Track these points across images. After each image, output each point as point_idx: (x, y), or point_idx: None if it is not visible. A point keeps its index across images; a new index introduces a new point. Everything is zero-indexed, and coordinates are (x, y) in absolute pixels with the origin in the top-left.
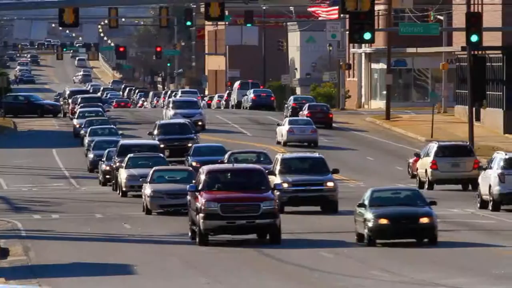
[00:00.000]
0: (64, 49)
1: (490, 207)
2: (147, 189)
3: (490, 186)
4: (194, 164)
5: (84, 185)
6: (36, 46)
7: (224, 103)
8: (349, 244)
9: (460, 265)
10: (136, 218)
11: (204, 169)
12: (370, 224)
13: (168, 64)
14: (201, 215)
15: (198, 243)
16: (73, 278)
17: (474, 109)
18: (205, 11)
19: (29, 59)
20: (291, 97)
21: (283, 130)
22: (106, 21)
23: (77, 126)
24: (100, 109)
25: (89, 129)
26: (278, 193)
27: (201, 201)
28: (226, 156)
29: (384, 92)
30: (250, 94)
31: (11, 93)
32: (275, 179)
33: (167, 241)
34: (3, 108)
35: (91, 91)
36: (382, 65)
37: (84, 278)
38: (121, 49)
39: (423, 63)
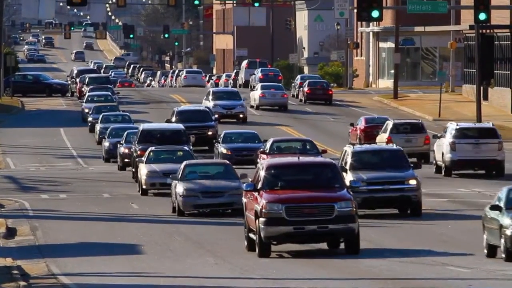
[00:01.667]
0: (72, 28)
1: (443, 173)
2: (179, 188)
3: (443, 153)
4: (224, 151)
5: (92, 165)
6: (44, 25)
7: (231, 82)
8: (474, 257)
9: None
10: (143, 198)
11: (264, 164)
12: (508, 233)
13: (176, 43)
14: (262, 219)
15: (258, 254)
16: (80, 258)
17: (481, 88)
18: None
19: (43, 41)
20: (298, 76)
21: (255, 95)
22: (114, 0)
23: (86, 111)
24: (109, 93)
25: (100, 116)
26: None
27: (261, 202)
28: (268, 145)
29: (392, 71)
30: (258, 73)
31: (20, 72)
32: (347, 176)
33: (174, 221)
34: (11, 87)
35: (95, 68)
36: (390, 44)
37: (91, 258)
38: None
39: (431, 42)
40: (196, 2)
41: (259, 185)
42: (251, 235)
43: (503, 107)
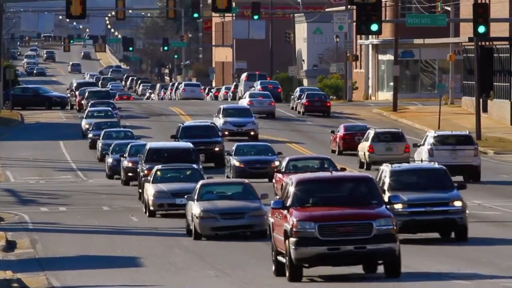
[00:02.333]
0: (71, 41)
1: None
2: (195, 209)
3: (422, 160)
4: (237, 164)
5: (91, 177)
6: (43, 38)
7: (231, 94)
8: None
9: None
10: (143, 211)
11: (294, 179)
12: None
13: (175, 56)
14: (292, 240)
15: (288, 278)
16: (80, 270)
17: (481, 100)
18: (212, 3)
19: (44, 55)
20: (297, 89)
21: (244, 103)
22: (113, 13)
23: (86, 127)
24: (110, 108)
25: (102, 132)
26: None
27: (291, 221)
28: (284, 163)
29: (391, 84)
30: (257, 85)
31: (19, 85)
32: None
33: (174, 234)
34: (11, 100)
35: (93, 80)
36: (389, 57)
37: (91, 271)
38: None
39: (430, 54)
40: (195, 15)
41: (289, 202)
42: (280, 258)
43: (503, 119)
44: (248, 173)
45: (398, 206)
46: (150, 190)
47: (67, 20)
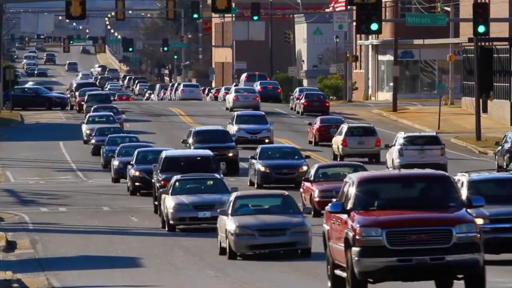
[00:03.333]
0: (71, 42)
1: None
2: (230, 224)
3: (392, 159)
4: (262, 169)
5: (91, 178)
6: (43, 39)
7: None
8: None
9: None
10: (143, 212)
11: (355, 178)
12: None
13: (175, 57)
14: (355, 249)
15: None
16: (80, 271)
17: (481, 100)
18: (212, 4)
19: (44, 57)
20: (297, 89)
21: (229, 98)
22: (113, 14)
23: (87, 132)
24: (111, 114)
25: (107, 138)
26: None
27: (353, 226)
28: (313, 171)
29: (391, 84)
30: (257, 86)
31: (19, 86)
32: None
33: (174, 234)
34: (10, 100)
35: (89, 80)
36: (389, 57)
37: (91, 271)
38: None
39: (430, 54)
40: (195, 16)
41: (349, 205)
42: (338, 272)
43: (503, 120)
44: (274, 178)
45: (479, 221)
46: (169, 202)
47: (67, 20)
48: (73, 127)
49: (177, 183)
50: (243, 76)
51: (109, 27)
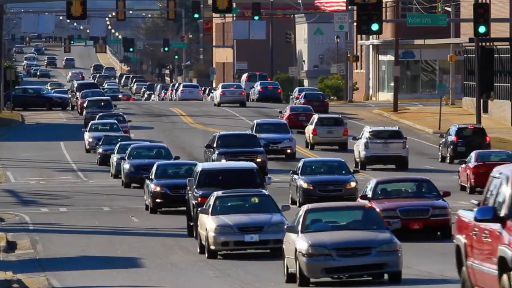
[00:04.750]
0: (72, 42)
1: (359, 167)
2: (300, 244)
3: (359, 151)
4: (305, 186)
5: (92, 178)
6: (44, 39)
7: None
8: None
9: None
10: (142, 212)
11: (510, 172)
12: None
13: (176, 57)
14: None
15: None
16: (80, 271)
17: (481, 100)
18: (213, 3)
19: (45, 61)
20: (296, 89)
21: (217, 94)
22: (113, 14)
23: (90, 140)
24: (115, 122)
25: (117, 146)
26: None
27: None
28: (370, 187)
29: (392, 84)
30: (257, 86)
31: (20, 86)
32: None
33: (174, 234)
34: (12, 101)
35: (88, 80)
36: (390, 57)
37: (91, 272)
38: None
39: (431, 54)
40: (196, 16)
41: (504, 211)
42: None
43: (503, 120)
44: (318, 196)
45: None
46: (210, 224)
47: (68, 21)
48: (73, 127)
49: (217, 201)
50: (244, 76)
51: (109, 27)
